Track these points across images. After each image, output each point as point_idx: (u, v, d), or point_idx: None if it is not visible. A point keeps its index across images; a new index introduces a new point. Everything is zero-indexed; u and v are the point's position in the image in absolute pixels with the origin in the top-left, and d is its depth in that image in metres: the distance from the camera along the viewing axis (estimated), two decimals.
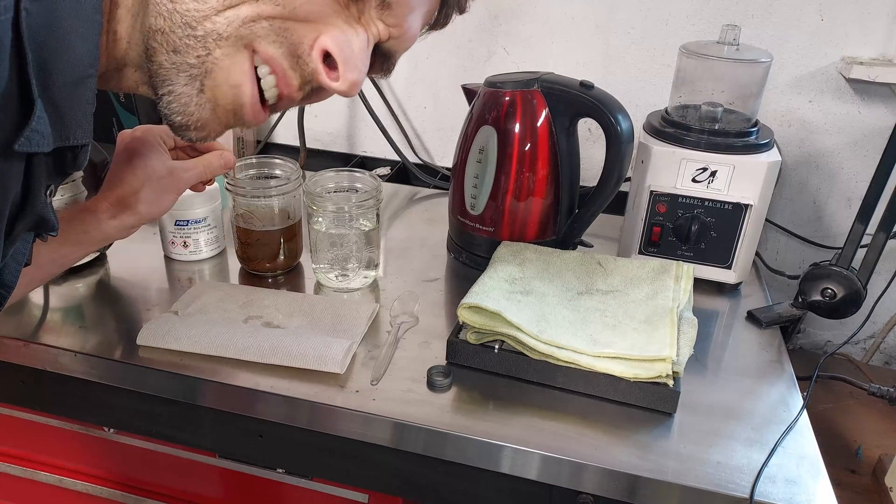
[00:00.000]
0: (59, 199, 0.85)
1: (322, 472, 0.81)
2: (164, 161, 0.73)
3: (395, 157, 1.30)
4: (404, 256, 1.01)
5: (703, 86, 0.96)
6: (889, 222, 0.83)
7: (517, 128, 0.89)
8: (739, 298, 0.95)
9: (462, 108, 0.98)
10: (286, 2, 0.49)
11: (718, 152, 0.89)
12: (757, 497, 0.62)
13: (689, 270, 0.86)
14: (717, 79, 0.95)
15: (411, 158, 1.31)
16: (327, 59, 0.53)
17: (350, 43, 0.52)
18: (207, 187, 0.84)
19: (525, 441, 0.67)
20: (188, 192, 0.93)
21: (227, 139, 1.30)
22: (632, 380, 0.70)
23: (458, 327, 0.79)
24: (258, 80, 0.52)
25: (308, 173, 0.93)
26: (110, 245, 0.93)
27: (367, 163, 1.35)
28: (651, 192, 0.92)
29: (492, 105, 0.91)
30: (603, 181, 0.90)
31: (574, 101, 0.88)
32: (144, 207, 0.71)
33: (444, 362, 0.77)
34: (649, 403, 0.71)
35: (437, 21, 0.61)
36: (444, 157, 1.32)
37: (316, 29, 0.51)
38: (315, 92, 0.57)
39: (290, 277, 0.95)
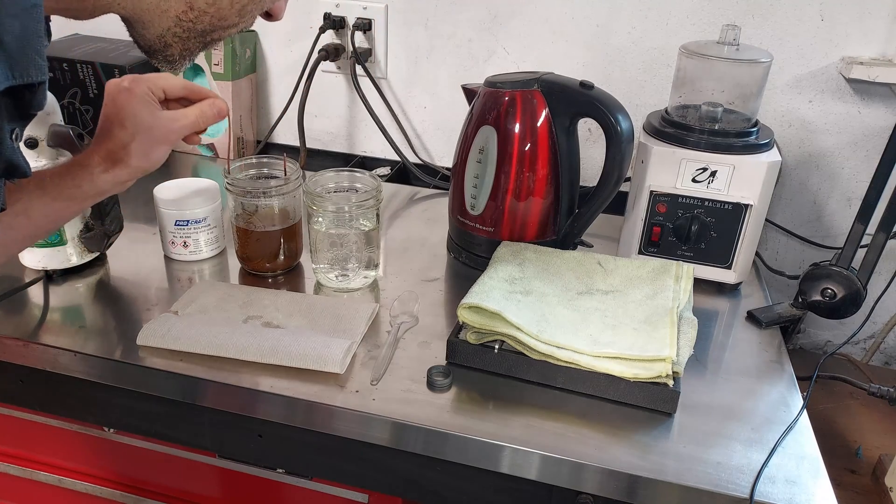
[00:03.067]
0: None
1: (322, 472, 0.81)
2: (153, 112, 0.70)
3: (395, 157, 1.29)
4: (404, 256, 1.01)
5: (703, 86, 0.96)
6: (889, 222, 0.83)
7: (517, 128, 0.89)
8: (739, 298, 0.95)
9: (462, 108, 0.98)
10: None
11: (718, 152, 0.89)
12: (757, 497, 0.62)
13: (689, 270, 0.86)
14: (717, 79, 0.95)
15: (411, 158, 1.31)
16: None
17: None
18: (203, 138, 0.81)
19: (525, 441, 0.67)
20: (188, 191, 0.94)
21: (225, 139, 1.30)
22: (632, 380, 0.70)
23: (458, 327, 0.79)
24: None
25: (308, 173, 0.93)
26: (111, 245, 0.93)
27: (367, 163, 1.35)
28: (651, 192, 0.92)
29: (492, 105, 0.91)
30: (603, 181, 0.90)
31: (574, 101, 0.88)
32: (136, 160, 0.69)
33: (444, 362, 0.77)
34: (649, 403, 0.71)
35: None
36: (444, 157, 1.32)
37: None
38: None
39: (290, 277, 0.95)
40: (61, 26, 1.37)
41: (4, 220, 0.64)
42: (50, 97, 0.85)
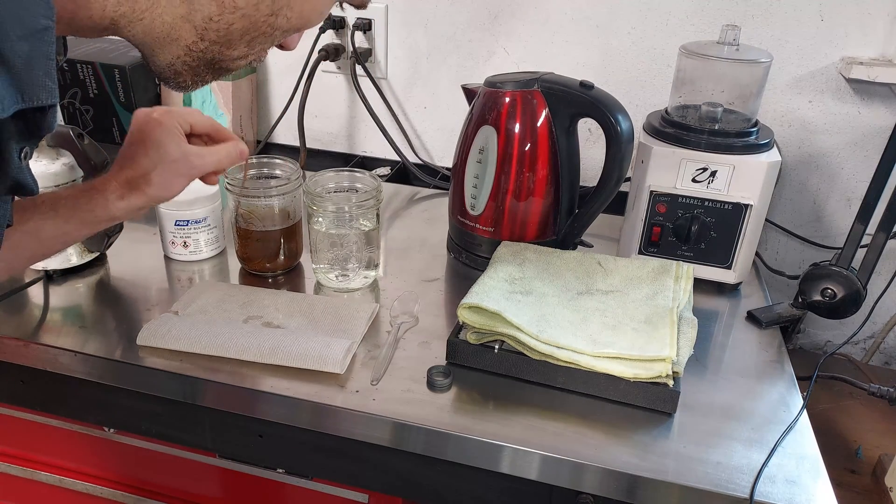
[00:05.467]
0: None
1: (322, 472, 0.81)
2: (180, 145, 0.70)
3: (395, 157, 1.29)
4: (404, 256, 1.01)
5: (703, 86, 0.96)
6: (889, 222, 0.83)
7: (517, 128, 0.89)
8: (739, 298, 0.95)
9: (462, 108, 0.98)
10: None
11: (718, 152, 0.89)
12: (757, 497, 0.62)
13: (689, 270, 0.86)
14: (717, 79, 0.95)
15: (411, 158, 1.31)
16: None
17: None
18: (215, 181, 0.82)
19: (525, 441, 0.67)
20: (188, 191, 0.94)
21: None
22: (632, 380, 0.70)
23: (458, 327, 0.79)
24: None
25: (308, 173, 0.93)
26: (110, 245, 0.93)
27: (367, 163, 1.35)
28: (651, 192, 0.92)
29: (492, 105, 0.91)
30: (603, 181, 0.90)
31: (574, 101, 0.88)
32: (154, 190, 0.69)
33: (444, 362, 0.77)
34: (649, 403, 0.71)
35: None
36: (444, 157, 1.32)
37: None
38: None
39: (290, 277, 0.95)
40: None
41: (13, 237, 0.64)
42: None
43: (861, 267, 0.86)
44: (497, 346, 0.75)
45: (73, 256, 0.90)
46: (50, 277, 0.90)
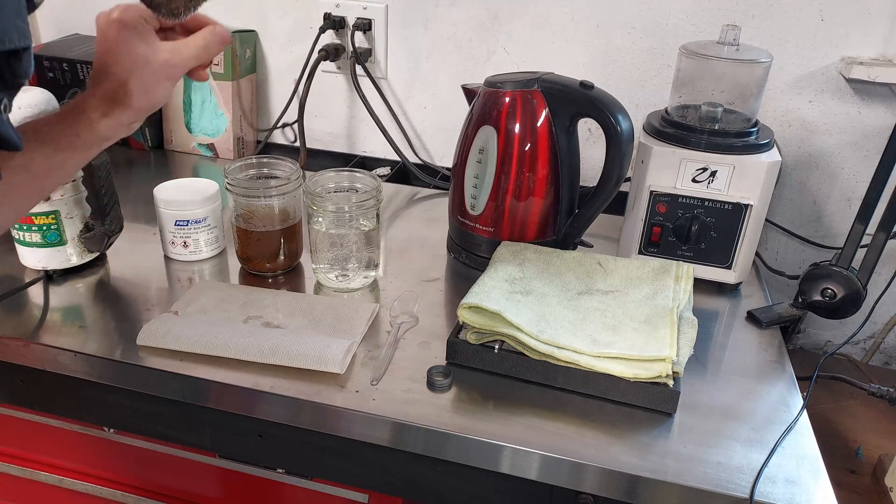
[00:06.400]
0: (58, 198, 0.85)
1: (322, 472, 0.81)
2: (153, 44, 0.63)
3: (395, 157, 1.29)
4: (404, 256, 1.01)
5: (703, 86, 0.96)
6: (889, 222, 0.83)
7: (517, 128, 0.89)
8: (739, 298, 0.95)
9: (462, 108, 0.98)
10: None
11: (718, 152, 0.89)
12: (757, 497, 0.62)
13: (689, 270, 0.86)
14: (717, 79, 0.95)
15: (411, 158, 1.31)
16: None
17: None
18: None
19: (525, 441, 0.67)
20: (188, 191, 0.94)
21: (227, 138, 1.30)
22: (632, 380, 0.70)
23: (458, 327, 0.79)
24: None
25: (308, 173, 0.93)
26: (111, 245, 0.93)
27: (367, 163, 1.35)
28: (651, 192, 0.92)
29: (492, 105, 0.91)
30: (603, 181, 0.90)
31: (574, 101, 0.88)
32: (137, 100, 0.63)
33: (444, 362, 0.77)
34: (649, 403, 0.71)
35: None
36: (444, 157, 1.32)
37: None
38: None
39: (290, 277, 0.95)
40: (61, 26, 1.37)
41: (5, 177, 0.57)
42: (50, 96, 0.85)
43: (861, 267, 0.86)
44: (497, 346, 0.75)
45: (73, 256, 0.90)
46: (50, 277, 0.90)
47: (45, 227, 0.86)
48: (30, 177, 0.61)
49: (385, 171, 1.31)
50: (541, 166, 0.91)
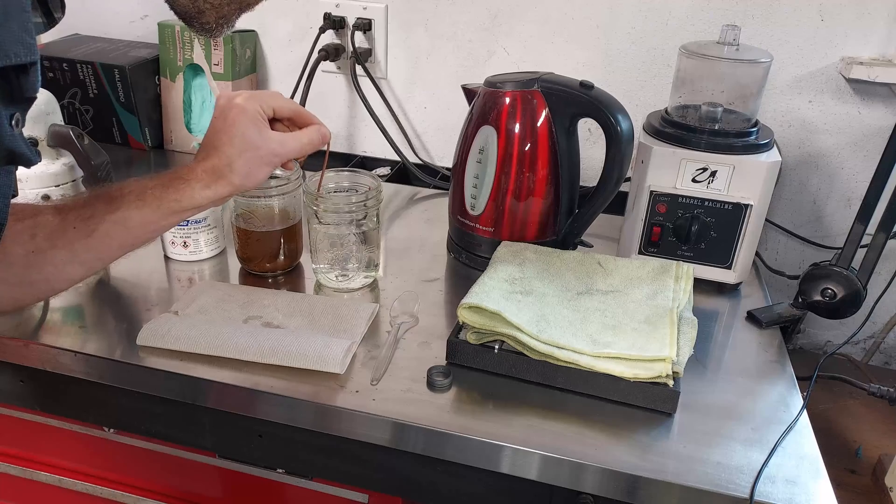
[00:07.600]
0: (59, 201, 0.85)
1: (322, 472, 0.81)
2: (262, 132, 0.69)
3: (395, 157, 1.29)
4: (404, 256, 1.01)
5: (703, 86, 0.96)
6: (889, 222, 0.83)
7: (517, 128, 0.89)
8: (739, 298, 0.95)
9: (462, 108, 0.98)
10: None
11: (718, 152, 0.89)
12: (757, 497, 0.62)
13: (689, 270, 0.86)
14: (717, 79, 0.95)
15: (411, 158, 1.31)
16: None
17: None
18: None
19: (525, 441, 0.67)
20: None
21: None
22: (632, 380, 0.70)
23: (458, 327, 0.78)
24: None
25: (308, 173, 0.93)
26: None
27: (367, 163, 1.35)
28: (651, 192, 0.92)
29: (492, 105, 0.91)
30: (603, 181, 0.90)
31: (574, 101, 0.88)
32: (238, 179, 0.69)
33: (444, 362, 0.77)
34: (649, 403, 0.71)
35: None
36: (444, 157, 1.32)
37: None
38: None
39: (290, 277, 0.95)
40: (61, 26, 1.37)
41: (102, 227, 0.65)
42: (50, 97, 0.85)
43: (861, 267, 0.86)
44: (497, 346, 0.75)
45: None
46: None
47: None
48: (124, 232, 0.67)
49: (385, 171, 1.31)
50: (541, 166, 0.91)
